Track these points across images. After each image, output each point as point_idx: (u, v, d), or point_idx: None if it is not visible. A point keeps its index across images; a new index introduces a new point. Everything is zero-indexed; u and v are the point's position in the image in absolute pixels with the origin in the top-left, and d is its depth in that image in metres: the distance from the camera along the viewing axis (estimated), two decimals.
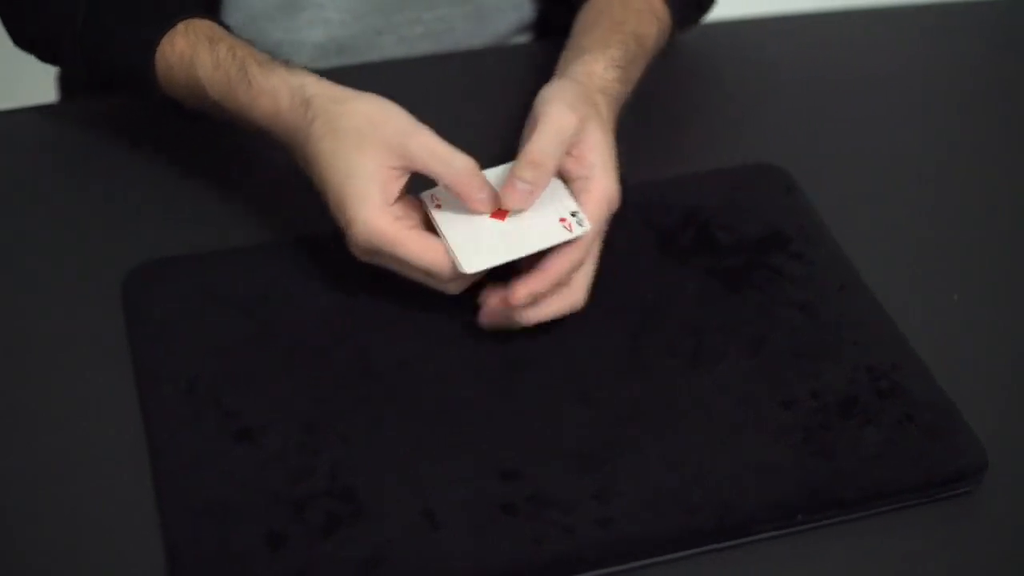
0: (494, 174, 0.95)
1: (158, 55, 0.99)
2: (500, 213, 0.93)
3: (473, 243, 0.91)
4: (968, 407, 0.92)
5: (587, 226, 0.92)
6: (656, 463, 0.88)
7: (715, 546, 0.86)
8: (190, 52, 0.98)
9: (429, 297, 0.96)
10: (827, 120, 1.16)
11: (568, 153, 0.93)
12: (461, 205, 0.93)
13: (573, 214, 0.92)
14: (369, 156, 0.91)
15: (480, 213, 0.92)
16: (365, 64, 1.19)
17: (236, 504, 0.85)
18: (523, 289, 0.91)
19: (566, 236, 0.91)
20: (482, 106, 1.13)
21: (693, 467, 0.88)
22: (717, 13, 1.19)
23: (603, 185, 0.93)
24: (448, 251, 0.91)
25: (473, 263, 0.90)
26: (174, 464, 0.87)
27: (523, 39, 1.26)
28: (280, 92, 0.94)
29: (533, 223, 0.92)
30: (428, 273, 0.91)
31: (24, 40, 1.07)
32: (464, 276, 0.92)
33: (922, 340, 0.96)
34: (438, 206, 0.94)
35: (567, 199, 0.93)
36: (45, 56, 1.08)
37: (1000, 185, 1.12)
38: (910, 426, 0.91)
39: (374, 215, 0.90)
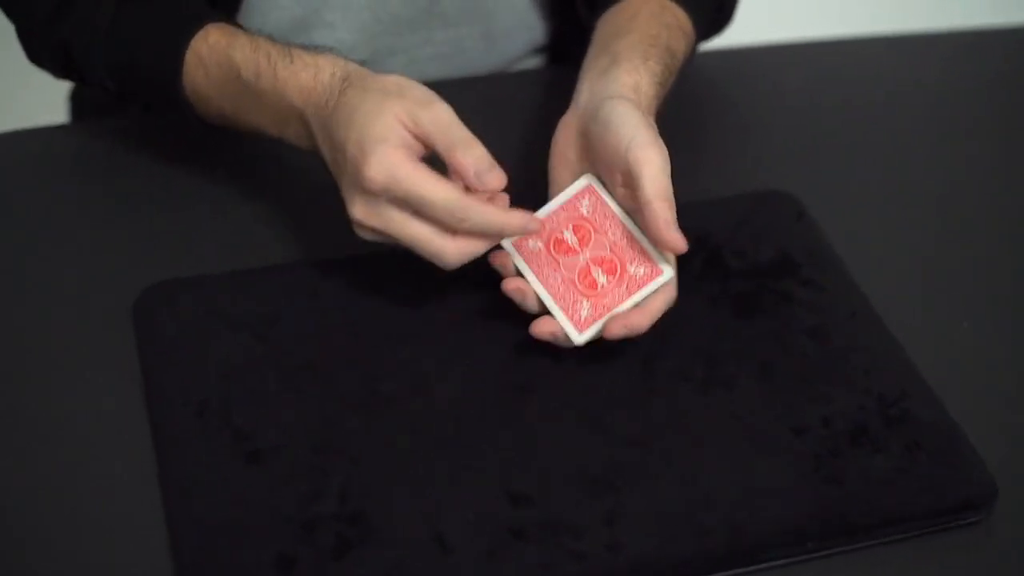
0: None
1: (189, 49, 1.00)
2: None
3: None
4: (978, 436, 0.92)
5: (669, 271, 0.93)
6: (666, 488, 0.88)
7: (725, 572, 0.86)
8: (227, 41, 0.99)
9: (440, 319, 0.96)
10: (838, 147, 1.16)
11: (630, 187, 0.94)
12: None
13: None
14: (390, 109, 0.91)
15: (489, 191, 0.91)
16: None
17: (246, 526, 0.85)
18: (620, 327, 0.91)
19: (661, 280, 0.93)
20: (493, 132, 1.13)
21: (703, 492, 0.88)
22: (728, 40, 1.19)
23: (670, 204, 0.94)
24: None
25: (583, 335, 0.92)
26: (184, 485, 0.87)
27: (534, 62, 1.27)
28: (323, 67, 0.95)
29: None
30: (439, 209, 0.89)
31: (42, 54, 1.08)
32: (473, 255, 0.92)
33: (932, 367, 0.96)
34: (516, 245, 0.95)
35: (640, 241, 0.94)
36: (60, 69, 1.08)
37: (1011, 213, 1.12)
38: (919, 454, 0.91)
39: (393, 149, 0.89)
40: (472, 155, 0.90)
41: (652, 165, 0.92)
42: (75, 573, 0.85)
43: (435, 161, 0.91)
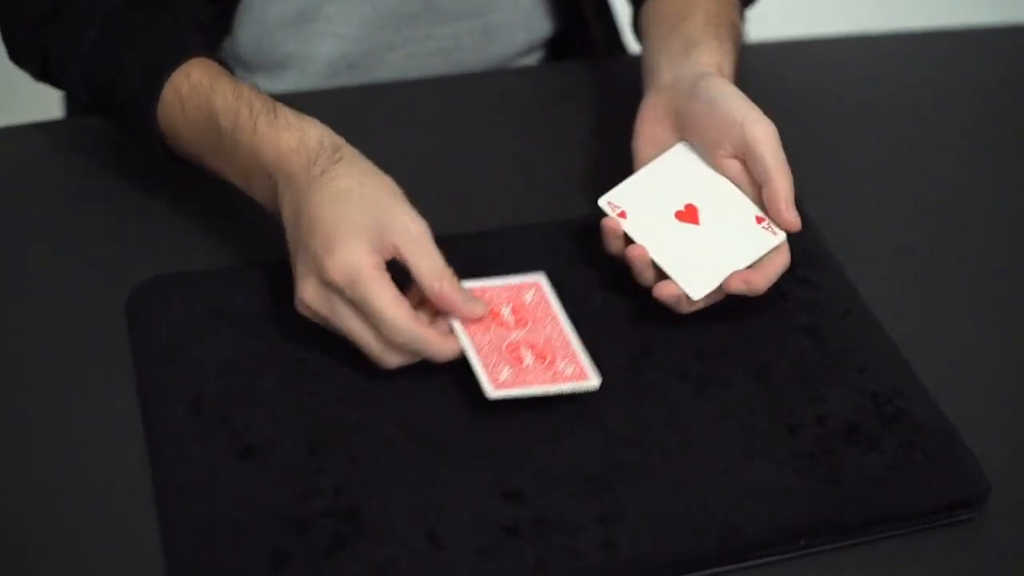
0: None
1: (169, 82, 0.98)
2: (690, 214, 0.95)
3: (690, 263, 0.93)
4: (971, 434, 0.92)
5: (783, 233, 0.95)
6: (661, 487, 0.88)
7: (719, 569, 0.86)
8: (209, 83, 0.97)
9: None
10: (835, 146, 1.16)
11: (741, 159, 0.97)
12: (647, 215, 0.95)
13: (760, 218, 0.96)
14: (381, 212, 0.90)
15: (472, 319, 0.91)
16: (377, 84, 1.19)
17: (239, 523, 0.85)
18: (740, 283, 0.93)
19: (776, 240, 0.94)
20: (490, 128, 1.13)
21: (698, 491, 0.88)
22: None
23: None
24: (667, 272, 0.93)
25: (698, 288, 0.92)
26: (178, 482, 0.87)
27: (532, 59, 1.27)
28: (310, 132, 0.93)
29: (733, 227, 0.95)
30: (386, 326, 0.89)
31: (22, 56, 1.06)
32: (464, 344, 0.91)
33: (926, 366, 0.97)
34: (622, 215, 0.95)
35: (747, 201, 0.96)
36: (38, 74, 1.07)
37: (1007, 213, 1.12)
38: (914, 452, 0.91)
39: (361, 252, 0.88)
40: (456, 287, 0.90)
41: (770, 140, 0.95)
42: (69, 570, 0.85)
43: None
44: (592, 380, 0.91)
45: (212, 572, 0.83)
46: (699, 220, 0.95)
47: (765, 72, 1.23)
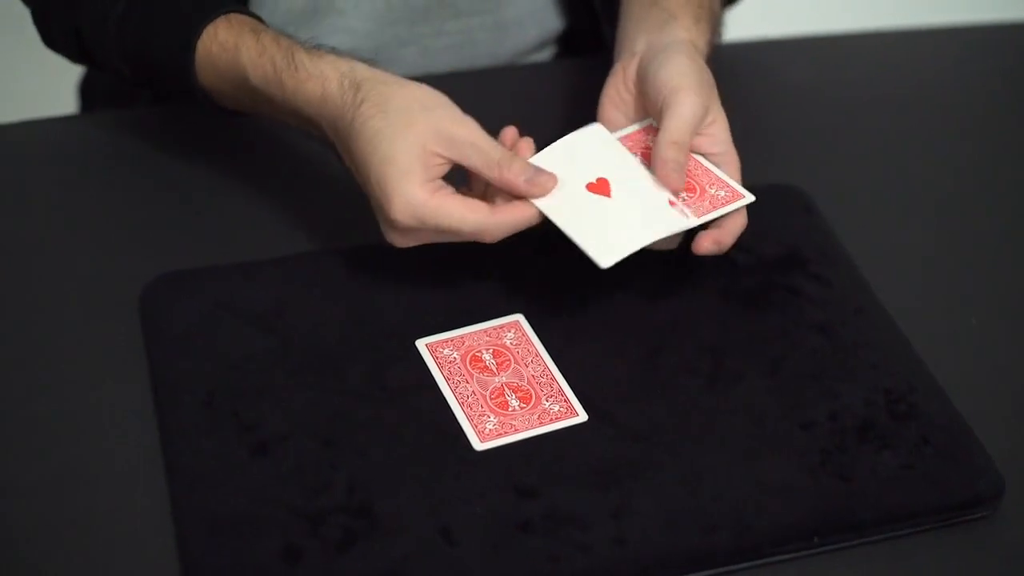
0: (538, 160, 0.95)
1: (199, 44, 0.99)
2: (601, 187, 0.94)
3: (599, 232, 0.92)
4: (985, 431, 0.92)
5: (694, 218, 0.94)
6: (673, 483, 0.88)
7: (731, 567, 0.86)
8: (234, 41, 0.98)
9: (448, 310, 0.96)
10: (846, 141, 1.16)
11: (698, 132, 0.96)
12: (559, 189, 0.93)
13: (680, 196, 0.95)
14: (416, 134, 0.91)
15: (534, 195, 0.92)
16: None
17: (252, 518, 0.85)
18: (711, 243, 0.95)
19: (688, 223, 0.93)
20: (503, 124, 1.13)
21: (710, 487, 0.88)
22: (736, 34, 1.19)
23: (736, 158, 0.97)
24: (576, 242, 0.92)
25: (607, 258, 0.91)
26: (191, 477, 0.87)
27: (544, 55, 1.27)
28: (329, 76, 0.94)
29: (644, 203, 0.94)
30: (471, 234, 0.92)
31: (57, 39, 1.07)
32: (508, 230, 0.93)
33: (939, 363, 0.96)
34: None
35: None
36: (75, 54, 1.07)
37: (1020, 210, 1.12)
38: (927, 449, 0.91)
39: (415, 188, 0.90)
40: (517, 168, 0.92)
41: (679, 108, 0.94)
42: (82, 562, 0.85)
43: None
44: (580, 415, 0.91)
45: (226, 567, 0.84)
46: (611, 193, 0.94)
47: (780, 68, 1.23)
